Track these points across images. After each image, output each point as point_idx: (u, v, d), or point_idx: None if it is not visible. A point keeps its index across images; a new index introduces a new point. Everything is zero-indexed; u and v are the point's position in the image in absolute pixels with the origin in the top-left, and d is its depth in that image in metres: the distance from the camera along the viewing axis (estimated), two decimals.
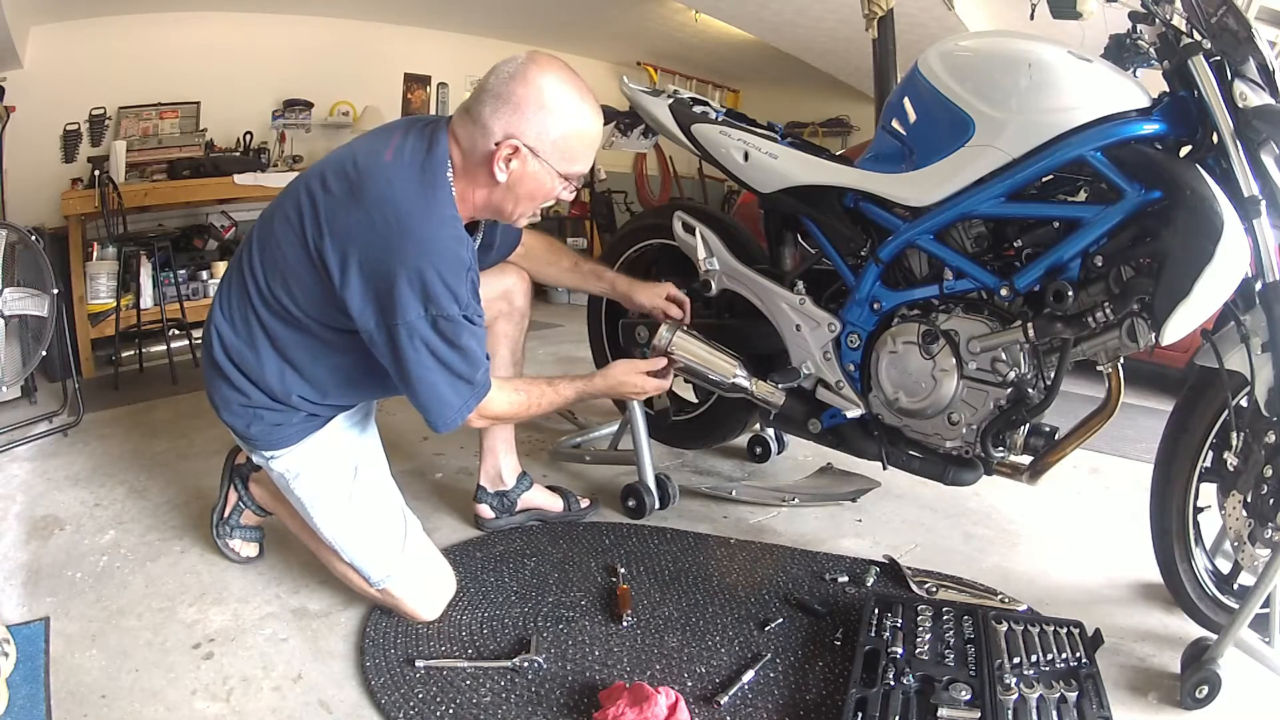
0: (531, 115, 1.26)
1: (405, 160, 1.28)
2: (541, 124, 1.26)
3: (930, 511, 2.04)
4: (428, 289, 1.23)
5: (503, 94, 1.26)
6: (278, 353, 1.38)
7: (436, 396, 1.30)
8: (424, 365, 1.27)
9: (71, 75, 3.89)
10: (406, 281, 1.22)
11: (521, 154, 1.27)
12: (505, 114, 1.26)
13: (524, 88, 1.25)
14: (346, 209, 1.26)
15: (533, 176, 1.30)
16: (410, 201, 1.24)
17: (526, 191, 1.32)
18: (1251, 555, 1.32)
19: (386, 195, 1.24)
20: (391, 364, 1.29)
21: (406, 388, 1.31)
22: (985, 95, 1.46)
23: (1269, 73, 1.29)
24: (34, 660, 1.34)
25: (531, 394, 1.48)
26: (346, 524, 1.45)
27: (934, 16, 4.04)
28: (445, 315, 1.25)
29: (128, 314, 3.47)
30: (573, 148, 1.30)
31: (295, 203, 1.32)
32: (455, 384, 1.30)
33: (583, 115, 1.30)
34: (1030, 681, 1.24)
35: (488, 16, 5.39)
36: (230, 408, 1.42)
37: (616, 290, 1.84)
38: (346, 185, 1.27)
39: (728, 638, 1.45)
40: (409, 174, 1.27)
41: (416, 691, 1.28)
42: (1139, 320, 1.37)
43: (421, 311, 1.24)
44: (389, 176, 1.26)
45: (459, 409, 1.32)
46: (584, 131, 1.31)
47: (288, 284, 1.33)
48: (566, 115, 1.28)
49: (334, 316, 1.32)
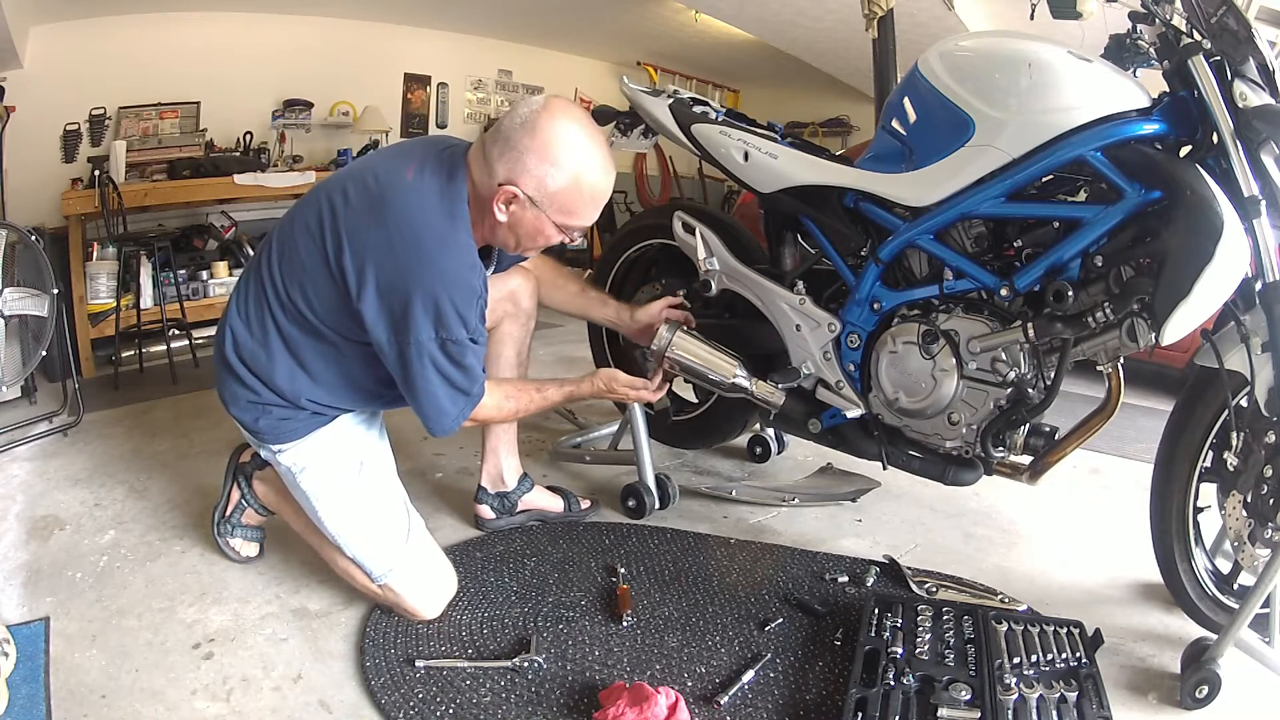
0: (533, 166, 1.26)
1: (426, 184, 1.30)
2: (541, 176, 1.27)
3: (930, 511, 2.04)
4: (441, 315, 1.27)
5: (511, 139, 1.27)
6: (291, 355, 1.40)
7: (436, 406, 1.36)
8: (428, 379, 1.33)
9: (71, 75, 3.89)
10: (421, 305, 1.26)
11: (520, 200, 1.28)
12: (509, 159, 1.27)
13: (530, 138, 1.26)
14: (367, 225, 1.29)
15: (530, 222, 1.32)
16: (430, 228, 1.27)
17: (526, 233, 1.34)
18: (1251, 555, 1.32)
19: (406, 218, 1.27)
20: (398, 373, 1.35)
21: (410, 396, 1.36)
22: (985, 95, 1.46)
23: (1269, 73, 1.29)
24: (34, 660, 1.34)
25: (520, 399, 1.54)
26: (350, 519, 1.46)
27: (934, 16, 4.04)
28: (454, 340, 1.30)
29: (128, 314, 3.47)
30: (573, 203, 1.30)
31: (316, 212, 1.34)
32: (454, 396, 1.37)
33: (587, 172, 1.29)
34: (1030, 681, 1.24)
35: (488, 16, 5.39)
36: (239, 403, 1.45)
37: (620, 318, 1.86)
38: (367, 200, 1.30)
39: (728, 638, 1.45)
40: (429, 200, 1.29)
41: (416, 691, 1.28)
42: (1139, 320, 1.37)
43: (432, 334, 1.29)
44: (410, 199, 1.29)
45: (455, 417, 1.39)
46: (585, 189, 1.30)
47: (305, 291, 1.35)
48: (569, 171, 1.27)
49: (349, 326, 1.36)
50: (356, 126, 5.00)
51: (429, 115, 5.64)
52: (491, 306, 1.71)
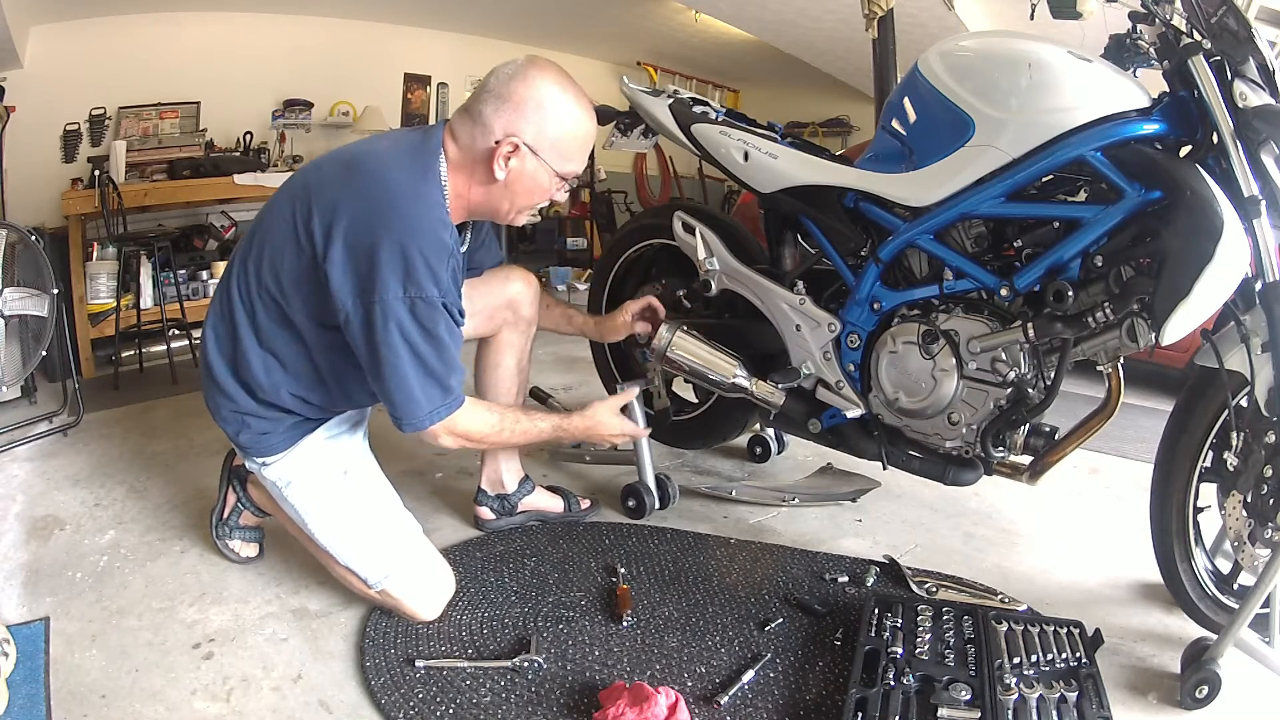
0: (531, 114, 1.32)
1: (400, 148, 1.35)
2: (540, 123, 1.32)
3: (930, 511, 2.04)
4: (409, 266, 1.23)
5: (503, 94, 1.32)
6: (263, 347, 1.39)
7: (406, 393, 1.28)
8: (396, 353, 1.25)
9: (71, 75, 3.89)
10: (388, 255, 1.22)
11: (520, 152, 1.32)
12: (506, 113, 1.31)
13: (524, 88, 1.31)
14: (336, 186, 1.31)
15: (530, 175, 1.35)
16: (399, 181, 1.29)
17: (524, 189, 1.37)
18: (1251, 555, 1.32)
19: (377, 173, 1.30)
20: (364, 348, 1.28)
21: (376, 378, 1.29)
22: (985, 95, 1.46)
23: (1269, 73, 1.29)
24: (34, 660, 1.34)
25: (506, 419, 1.46)
26: (340, 529, 1.45)
27: (934, 16, 4.04)
28: (424, 297, 1.24)
29: (128, 314, 3.47)
30: (569, 146, 1.37)
31: (288, 190, 1.38)
32: (427, 384, 1.29)
33: (578, 116, 1.37)
34: (1030, 681, 1.24)
35: (488, 16, 5.39)
36: (221, 413, 1.45)
37: (586, 329, 1.89)
38: (338, 167, 1.35)
39: (728, 638, 1.45)
40: (401, 159, 1.33)
41: (416, 691, 1.28)
42: (1139, 320, 1.37)
43: (400, 292, 1.23)
44: (381, 157, 1.33)
45: (428, 412, 1.31)
46: (579, 131, 1.38)
47: (276, 268, 1.33)
48: (563, 115, 1.34)
49: (316, 304, 1.32)
50: (356, 126, 5.00)
51: (429, 115, 5.63)
52: (490, 314, 1.71)
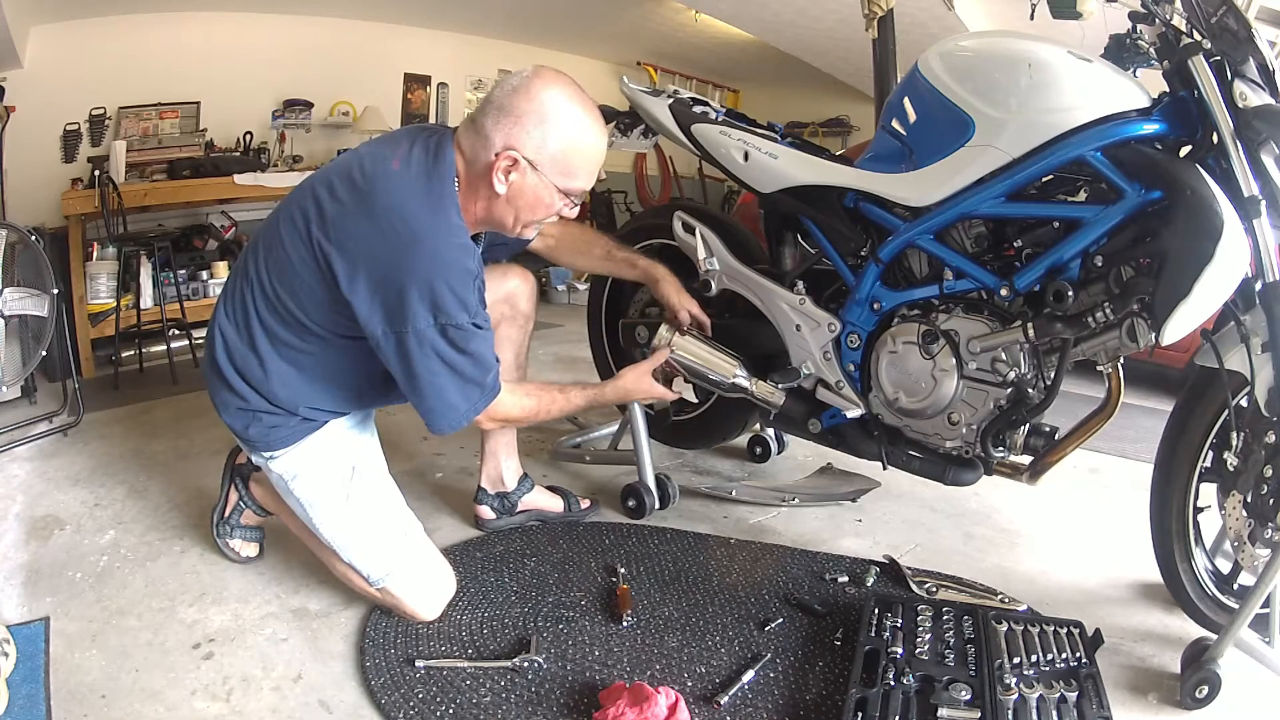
0: (531, 128, 1.27)
1: (413, 170, 1.29)
2: (541, 137, 1.28)
3: (930, 511, 2.04)
4: (437, 300, 1.25)
5: (505, 106, 1.28)
6: (280, 356, 1.38)
7: (444, 401, 1.32)
8: (433, 371, 1.29)
9: (71, 75, 3.89)
10: (416, 293, 1.24)
11: (520, 166, 1.28)
12: (506, 125, 1.27)
13: (526, 101, 1.27)
14: (355, 218, 1.27)
15: (531, 190, 1.31)
16: (418, 212, 1.26)
17: (526, 204, 1.33)
18: (1251, 555, 1.32)
19: (395, 206, 1.26)
20: (399, 368, 1.30)
21: (413, 393, 1.32)
22: (985, 95, 1.46)
23: (1269, 73, 1.29)
24: (34, 660, 1.34)
25: (542, 399, 1.50)
26: (344, 524, 1.45)
27: (934, 16, 4.04)
28: (455, 324, 1.27)
29: (128, 314, 3.47)
30: (572, 162, 1.31)
31: (301, 208, 1.33)
32: (465, 388, 1.32)
33: (584, 131, 1.31)
34: (1030, 681, 1.24)
35: (488, 16, 5.40)
36: (229, 409, 1.44)
37: (649, 276, 1.82)
38: (355, 194, 1.29)
39: (728, 638, 1.45)
40: (417, 185, 1.28)
41: (416, 691, 1.28)
42: (1139, 320, 1.37)
43: (431, 320, 1.26)
44: (397, 187, 1.28)
45: (465, 412, 1.34)
46: (584, 147, 1.32)
47: (293, 287, 1.34)
48: (567, 130, 1.29)
49: (338, 322, 1.33)
50: (356, 126, 5.00)
51: (429, 115, 5.63)
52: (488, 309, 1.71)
